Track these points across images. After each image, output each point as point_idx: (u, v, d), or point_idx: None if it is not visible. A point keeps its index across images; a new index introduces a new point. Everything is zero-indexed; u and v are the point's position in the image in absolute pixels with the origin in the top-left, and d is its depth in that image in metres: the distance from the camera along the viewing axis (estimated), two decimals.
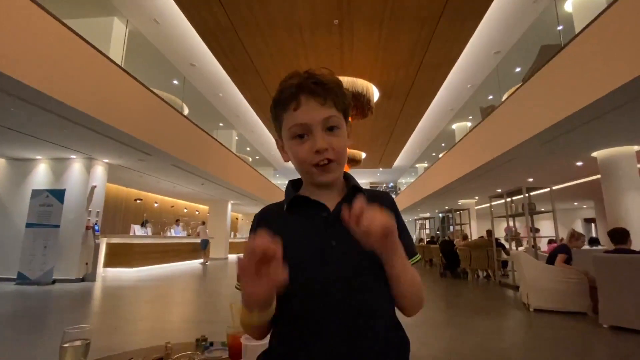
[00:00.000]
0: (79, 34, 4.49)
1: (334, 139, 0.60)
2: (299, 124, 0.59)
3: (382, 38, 6.56)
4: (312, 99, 0.59)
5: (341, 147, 0.61)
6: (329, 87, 0.61)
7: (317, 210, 0.62)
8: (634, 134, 5.18)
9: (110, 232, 9.84)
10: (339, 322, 0.54)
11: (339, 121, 0.62)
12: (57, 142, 5.84)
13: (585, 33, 4.32)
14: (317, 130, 0.59)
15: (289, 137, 0.62)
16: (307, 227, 0.61)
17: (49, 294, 5.21)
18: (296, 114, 0.60)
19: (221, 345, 1.21)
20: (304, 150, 0.60)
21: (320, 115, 0.59)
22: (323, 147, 0.58)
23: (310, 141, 0.59)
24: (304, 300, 0.57)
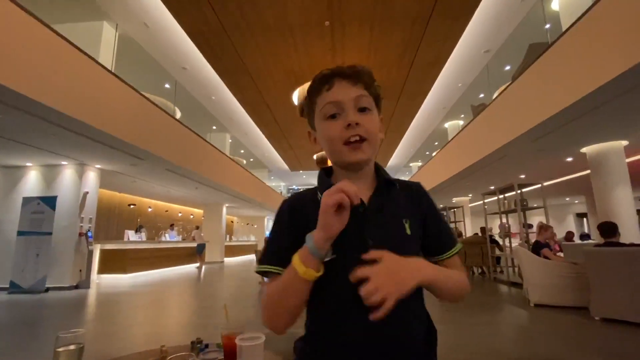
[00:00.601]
0: (67, 39, 4.46)
1: (366, 118, 0.62)
2: (331, 102, 0.61)
3: (373, 38, 6.60)
4: (344, 81, 0.62)
5: (373, 127, 0.62)
6: (361, 72, 0.64)
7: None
8: (622, 129, 5.28)
9: (103, 238, 9.74)
10: (368, 318, 0.55)
11: (371, 103, 0.64)
12: (48, 148, 5.77)
13: (572, 31, 4.40)
14: (349, 107, 0.61)
15: (321, 118, 0.63)
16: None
17: (42, 303, 5.14)
18: (329, 94, 0.62)
19: (216, 347, 1.21)
20: (335, 127, 0.61)
21: (352, 93, 0.61)
22: (354, 120, 0.60)
23: (342, 119, 0.61)
24: (340, 299, 0.59)
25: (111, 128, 5.16)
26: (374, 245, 0.59)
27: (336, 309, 0.60)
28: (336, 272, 0.58)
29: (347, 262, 0.58)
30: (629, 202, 5.53)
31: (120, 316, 4.20)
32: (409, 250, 0.61)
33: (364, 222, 0.60)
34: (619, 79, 3.66)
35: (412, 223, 0.64)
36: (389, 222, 0.63)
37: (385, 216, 0.63)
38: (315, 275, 0.55)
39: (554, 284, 4.17)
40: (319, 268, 0.55)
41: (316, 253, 0.54)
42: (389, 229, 0.62)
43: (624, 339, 2.93)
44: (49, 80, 4.13)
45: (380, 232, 0.60)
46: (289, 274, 0.56)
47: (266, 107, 9.69)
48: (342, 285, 0.57)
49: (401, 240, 0.62)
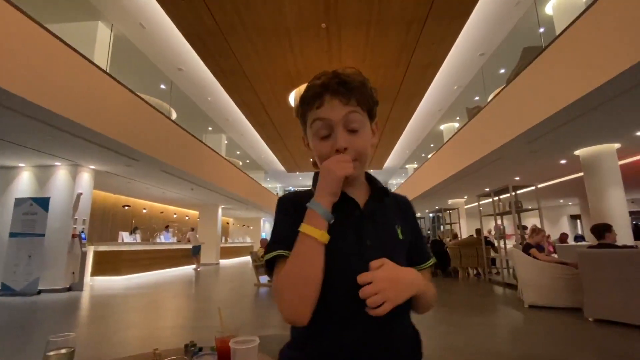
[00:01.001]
0: (62, 39, 4.42)
1: (355, 139, 0.63)
2: (321, 118, 0.63)
3: (370, 41, 6.63)
4: (335, 98, 0.62)
5: (362, 147, 0.64)
6: (353, 87, 0.63)
7: (350, 207, 0.65)
8: (614, 132, 5.35)
9: (97, 239, 9.64)
10: (364, 318, 0.56)
11: (362, 119, 0.64)
12: (41, 149, 5.71)
13: (565, 35, 4.46)
14: (338, 129, 0.62)
15: (312, 135, 0.65)
16: (344, 222, 0.63)
17: (35, 305, 5.07)
18: (319, 111, 0.63)
19: (210, 350, 1.20)
20: (325, 148, 0.63)
21: (341, 113, 0.62)
22: (342, 146, 0.61)
23: (331, 140, 0.63)
24: (335, 294, 0.59)
25: (105, 129, 5.12)
26: (371, 245, 0.62)
27: (334, 312, 0.59)
28: (335, 273, 0.59)
29: (347, 264, 0.60)
30: (622, 204, 5.59)
31: (114, 319, 4.16)
32: (401, 253, 0.66)
33: (361, 224, 0.64)
34: (612, 82, 3.70)
35: (403, 229, 0.69)
36: (383, 226, 0.66)
37: (380, 220, 0.66)
38: (327, 238, 0.58)
39: (548, 285, 4.19)
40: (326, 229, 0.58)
41: (327, 215, 0.58)
42: (384, 232, 0.65)
43: (617, 340, 2.96)
44: (43, 80, 4.09)
45: (377, 234, 0.63)
46: (302, 245, 0.57)
47: (262, 108, 9.68)
48: (340, 287, 0.58)
49: (395, 244, 0.66)
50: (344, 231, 0.63)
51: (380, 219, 0.67)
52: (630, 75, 3.56)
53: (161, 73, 7.92)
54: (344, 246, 0.61)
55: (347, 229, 0.63)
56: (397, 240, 0.67)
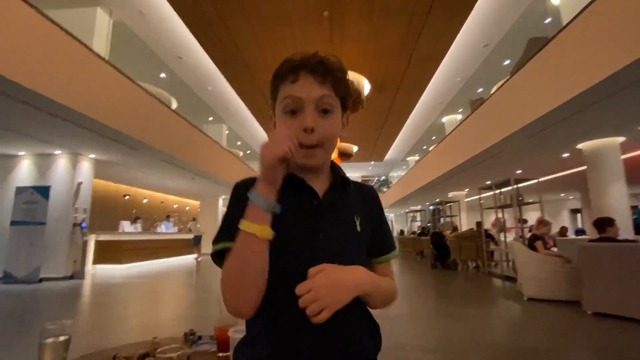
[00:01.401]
0: (60, 26, 4.35)
1: (325, 122, 0.60)
2: (293, 97, 0.59)
3: (372, 30, 6.52)
4: (310, 76, 0.59)
5: (330, 133, 0.60)
6: (331, 69, 0.60)
7: (308, 196, 0.61)
8: (618, 125, 5.29)
9: (98, 228, 9.67)
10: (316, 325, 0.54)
11: (334, 105, 0.61)
12: (41, 137, 5.68)
13: (572, 26, 4.37)
14: (309, 108, 0.59)
15: (281, 111, 0.61)
16: (298, 212, 0.60)
17: (36, 293, 5.11)
18: (292, 87, 0.59)
19: (209, 339, 1.20)
20: (292, 126, 0.59)
21: (315, 93, 0.59)
22: (310, 126, 0.57)
23: (300, 119, 0.59)
24: (286, 289, 0.55)
25: (105, 117, 5.08)
26: (324, 239, 0.59)
27: (284, 307, 0.56)
28: (285, 267, 0.56)
29: (297, 257, 0.57)
30: (624, 198, 5.57)
31: (115, 307, 4.19)
32: (357, 246, 0.63)
33: (317, 216, 0.60)
34: (619, 73, 3.64)
35: (362, 221, 0.65)
36: (341, 218, 0.63)
37: (338, 212, 0.63)
38: (271, 233, 0.53)
39: (548, 278, 4.20)
40: (270, 224, 0.54)
41: (267, 205, 0.53)
42: (341, 225, 0.62)
43: (615, 333, 2.97)
44: (41, 67, 4.04)
45: (332, 227, 0.60)
46: (242, 241, 0.53)
47: (263, 97, 9.60)
48: (290, 282, 0.54)
49: (351, 237, 0.63)
50: (297, 223, 0.59)
51: (338, 210, 0.63)
52: (638, 67, 3.50)
53: (161, 61, 7.83)
54: (296, 239, 0.58)
55: (301, 220, 0.60)
56: (355, 233, 0.63)
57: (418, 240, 11.19)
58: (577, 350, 2.63)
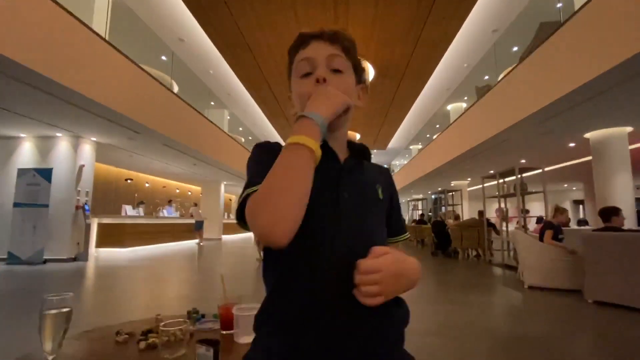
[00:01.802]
0: (60, 4, 4.25)
1: (337, 78, 0.59)
2: (304, 58, 0.60)
3: (378, 13, 6.35)
4: (321, 41, 0.61)
5: (343, 87, 0.59)
6: (341, 36, 0.62)
7: (329, 159, 0.60)
8: (627, 114, 5.20)
9: (101, 212, 9.73)
10: (341, 271, 0.52)
11: (345, 65, 0.61)
12: (42, 119, 5.64)
13: (584, 10, 4.24)
14: (321, 65, 0.59)
15: (295, 76, 0.62)
16: (321, 172, 0.55)
17: (40, 274, 5.17)
18: (303, 51, 0.61)
19: (213, 317, 1.19)
20: (306, 84, 0.59)
21: (325, 51, 0.60)
22: (322, 76, 0.58)
23: (313, 75, 0.59)
24: (308, 246, 0.53)
25: (106, 99, 5.02)
26: (348, 198, 0.57)
27: (306, 266, 0.53)
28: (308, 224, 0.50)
29: (321, 214, 0.54)
30: (629, 189, 5.52)
31: (119, 288, 4.24)
32: (380, 214, 0.63)
33: (339, 177, 0.59)
34: (627, 62, 3.55)
35: (383, 190, 0.65)
36: (363, 183, 0.62)
37: (360, 177, 0.63)
38: (320, 153, 0.49)
39: (549, 267, 4.20)
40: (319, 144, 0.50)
41: (323, 122, 0.51)
42: (363, 189, 0.61)
43: (616, 322, 2.98)
44: (41, 46, 3.97)
45: (355, 189, 0.59)
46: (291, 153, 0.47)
47: (266, 83, 9.46)
48: (313, 238, 0.53)
49: (374, 202, 0.62)
50: (322, 183, 0.54)
51: (360, 175, 0.63)
52: None
53: (162, 43, 7.70)
54: (318, 196, 0.52)
55: (325, 182, 0.56)
56: (377, 198, 0.62)
57: (419, 229, 11.21)
58: (577, 338, 2.64)
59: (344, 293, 0.51)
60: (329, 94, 0.54)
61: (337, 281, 0.52)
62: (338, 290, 0.52)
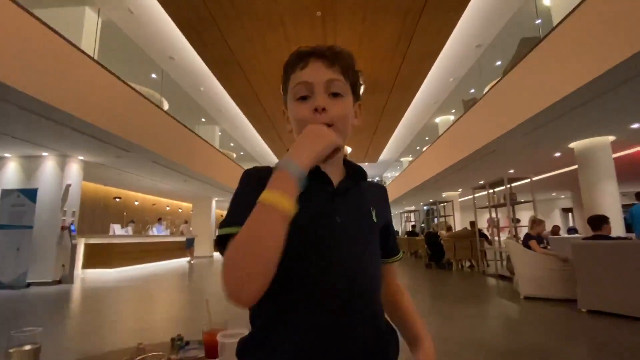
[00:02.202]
0: (48, 25, 4.24)
1: (336, 104, 0.58)
2: (302, 82, 0.58)
3: (365, 30, 6.51)
4: (319, 60, 0.59)
5: (342, 113, 0.58)
6: (340, 55, 0.61)
7: (322, 183, 0.59)
8: (609, 124, 5.35)
9: (88, 232, 9.49)
10: (336, 299, 0.52)
11: (344, 89, 0.60)
12: (27, 138, 5.54)
13: (562, 26, 4.41)
14: (319, 91, 0.58)
15: (292, 98, 0.60)
16: (312, 197, 0.55)
17: (23, 298, 4.97)
18: (301, 73, 0.59)
19: (198, 344, 1.14)
20: (304, 109, 0.58)
21: (324, 76, 0.58)
22: (321, 105, 0.56)
23: (311, 101, 0.58)
24: (303, 273, 0.52)
25: (94, 118, 4.97)
26: (342, 222, 0.56)
27: (301, 294, 0.52)
28: (301, 251, 0.52)
29: (314, 239, 0.54)
30: (615, 196, 5.62)
31: (104, 312, 4.08)
32: (374, 236, 0.61)
33: (332, 201, 0.58)
34: (609, 73, 3.67)
35: (378, 213, 0.63)
36: (357, 206, 0.61)
37: (353, 200, 0.61)
38: (295, 208, 0.45)
39: (544, 276, 4.21)
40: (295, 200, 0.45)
41: (301, 174, 0.46)
42: (357, 212, 0.60)
43: (609, 331, 2.97)
44: (28, 66, 3.93)
45: (349, 212, 0.58)
46: (259, 213, 0.44)
47: (256, 99, 9.53)
48: (307, 265, 0.52)
49: (368, 225, 0.61)
50: (312, 206, 0.54)
51: (354, 198, 0.61)
52: (628, 67, 3.53)
53: (152, 62, 7.72)
54: (311, 222, 0.54)
55: (316, 204, 0.56)
56: (372, 223, 0.61)
57: (412, 241, 11.19)
58: (571, 349, 2.61)
59: (343, 323, 0.51)
60: (317, 137, 0.50)
61: (337, 309, 0.51)
62: (338, 320, 0.51)
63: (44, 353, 0.68)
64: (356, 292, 0.53)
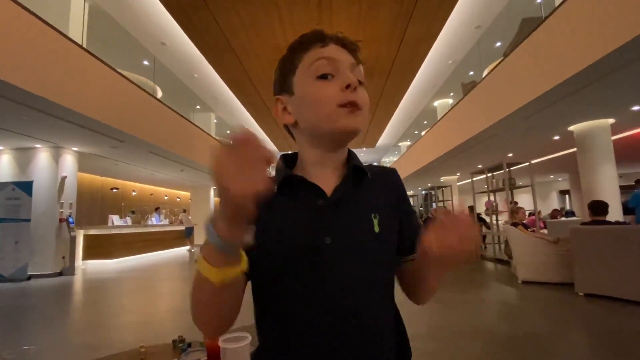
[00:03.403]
0: (33, 12, 4.07)
1: (361, 90, 0.53)
2: (327, 57, 0.51)
3: (362, 12, 6.31)
4: (340, 45, 0.54)
5: (367, 101, 0.53)
6: (357, 47, 0.56)
7: (312, 195, 0.51)
8: (609, 107, 5.28)
9: (86, 223, 9.48)
10: (331, 342, 0.47)
11: (364, 78, 0.55)
12: (19, 131, 5.42)
13: (564, 6, 4.27)
14: (346, 69, 0.52)
15: (311, 75, 0.51)
16: (297, 216, 0.51)
17: (24, 291, 4.99)
18: (324, 50, 0.52)
19: (200, 345, 1.13)
20: (330, 86, 0.50)
21: (349, 59, 0.53)
22: (355, 82, 0.50)
23: (337, 80, 0.51)
24: (288, 309, 0.49)
25: (85, 108, 4.85)
26: (331, 243, 0.49)
27: (289, 317, 0.49)
28: (286, 277, 0.49)
29: (298, 265, 0.48)
30: (613, 179, 5.62)
31: (106, 304, 4.10)
32: (377, 251, 0.52)
33: (322, 218, 0.50)
34: (608, 57, 3.59)
35: (382, 219, 0.53)
36: (353, 218, 0.52)
37: (349, 211, 0.52)
38: (234, 272, 0.40)
39: (541, 261, 4.25)
40: (236, 260, 0.41)
41: (226, 247, 0.38)
42: (353, 226, 0.52)
43: (604, 314, 3.02)
44: (11, 55, 3.80)
45: (342, 229, 0.50)
46: (196, 281, 0.43)
47: (252, 85, 9.34)
48: (293, 291, 0.48)
49: (367, 239, 0.51)
50: (296, 229, 0.50)
51: (351, 208, 0.52)
52: (630, 48, 3.44)
53: (143, 48, 7.50)
54: (293, 249, 0.49)
55: (302, 226, 0.50)
56: (372, 235, 0.52)
57: None
58: (568, 332, 2.65)
59: (343, 353, 0.47)
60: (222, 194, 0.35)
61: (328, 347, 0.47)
62: (339, 349, 0.47)
63: (47, 351, 0.65)
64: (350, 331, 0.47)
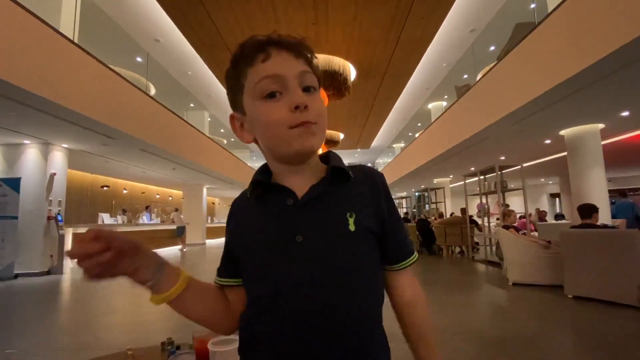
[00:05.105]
0: (22, 4, 3.99)
1: (313, 99, 0.50)
2: (271, 75, 0.48)
3: (358, 13, 6.32)
4: (284, 51, 0.50)
5: (322, 111, 0.51)
6: (302, 45, 0.52)
7: (281, 196, 0.51)
8: (599, 112, 5.38)
9: (76, 221, 9.31)
10: (302, 339, 0.47)
11: (316, 82, 0.52)
12: (7, 126, 5.30)
13: (557, 13, 4.34)
14: (294, 85, 0.48)
15: (256, 97, 0.49)
16: (267, 216, 0.52)
17: (10, 290, 4.88)
18: (265, 65, 0.49)
19: (189, 348, 1.11)
20: (278, 108, 0.48)
21: (296, 68, 0.49)
22: (304, 102, 0.47)
23: (285, 98, 0.48)
24: (262, 308, 0.50)
25: (76, 104, 4.77)
26: (304, 241, 0.48)
27: (261, 313, 0.50)
28: (258, 276, 0.51)
29: (269, 262, 0.49)
30: (602, 183, 5.72)
31: (93, 303, 4.03)
32: (352, 249, 0.50)
33: (292, 216, 0.50)
34: (602, 61, 3.65)
35: (359, 218, 0.51)
36: (326, 217, 0.51)
37: (322, 210, 0.51)
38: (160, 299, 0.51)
39: (532, 263, 4.29)
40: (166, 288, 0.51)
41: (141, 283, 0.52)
42: (326, 225, 0.50)
43: (592, 316, 3.06)
44: (3, 51, 3.71)
45: (314, 228, 0.49)
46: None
47: None
48: (266, 287, 0.49)
49: (342, 238, 0.50)
50: (265, 230, 0.51)
51: (323, 207, 0.51)
52: (622, 54, 3.51)
53: (137, 45, 7.41)
54: (263, 248, 0.50)
55: (271, 227, 0.51)
56: (347, 233, 0.49)
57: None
58: (557, 334, 2.68)
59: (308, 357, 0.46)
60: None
61: (306, 335, 0.46)
62: (309, 346, 0.46)
63: (30, 353, 0.63)
64: (320, 327, 0.46)
